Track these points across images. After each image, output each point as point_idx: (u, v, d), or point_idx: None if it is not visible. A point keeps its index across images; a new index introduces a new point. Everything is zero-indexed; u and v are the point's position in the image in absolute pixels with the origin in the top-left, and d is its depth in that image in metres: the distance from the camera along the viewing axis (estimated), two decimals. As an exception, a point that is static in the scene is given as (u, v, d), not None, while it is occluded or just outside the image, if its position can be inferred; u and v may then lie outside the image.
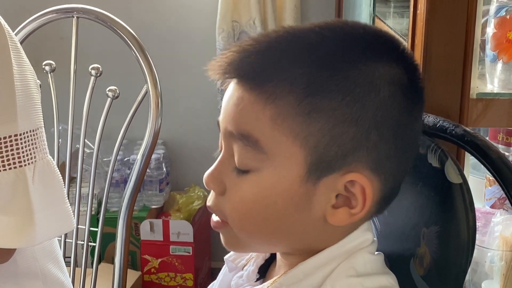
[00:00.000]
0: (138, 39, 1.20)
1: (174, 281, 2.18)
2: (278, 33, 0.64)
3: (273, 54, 0.62)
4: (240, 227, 0.66)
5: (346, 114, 0.60)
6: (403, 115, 0.63)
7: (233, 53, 0.63)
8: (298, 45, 0.62)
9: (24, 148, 0.88)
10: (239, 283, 0.74)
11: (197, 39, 2.31)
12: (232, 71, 0.63)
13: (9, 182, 0.87)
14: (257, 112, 0.62)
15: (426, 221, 0.70)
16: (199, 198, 2.28)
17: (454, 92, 0.81)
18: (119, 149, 1.25)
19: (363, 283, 0.64)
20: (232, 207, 0.66)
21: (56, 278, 1.02)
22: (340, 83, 0.60)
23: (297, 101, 0.60)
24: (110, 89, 1.22)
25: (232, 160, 0.65)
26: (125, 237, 1.26)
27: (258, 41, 0.63)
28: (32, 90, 0.91)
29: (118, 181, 2.17)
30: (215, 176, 0.66)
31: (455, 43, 0.80)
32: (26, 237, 0.88)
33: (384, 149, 0.63)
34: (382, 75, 0.62)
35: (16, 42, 0.89)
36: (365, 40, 0.64)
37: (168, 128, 2.18)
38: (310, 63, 0.61)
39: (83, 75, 1.24)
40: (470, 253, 0.68)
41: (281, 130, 0.61)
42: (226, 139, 0.65)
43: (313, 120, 0.60)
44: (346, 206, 0.64)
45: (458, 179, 0.68)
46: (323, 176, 0.62)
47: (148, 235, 2.15)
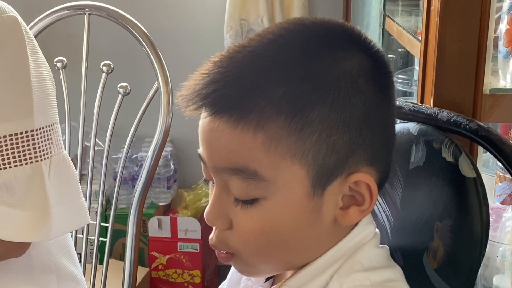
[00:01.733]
0: (149, 36, 1.21)
1: (181, 277, 2.19)
2: (241, 53, 0.61)
3: (246, 80, 0.60)
4: (255, 257, 0.65)
5: (337, 120, 0.60)
6: (383, 101, 0.64)
7: (202, 84, 0.61)
8: (268, 64, 0.60)
9: (40, 143, 0.89)
10: (248, 285, 0.74)
11: (205, 37, 2.31)
12: (209, 106, 0.60)
13: (26, 176, 0.88)
14: (247, 143, 0.60)
15: (440, 215, 0.71)
16: (206, 195, 2.29)
17: (468, 87, 0.82)
18: (129, 146, 1.26)
19: (369, 277, 0.64)
20: (243, 239, 0.64)
21: (69, 272, 1.03)
22: (324, 92, 0.59)
23: (287, 122, 0.59)
24: (121, 86, 1.23)
25: (228, 193, 0.63)
26: (135, 233, 1.27)
27: (225, 67, 0.61)
28: (47, 86, 0.92)
29: (126, 178, 2.18)
30: (217, 213, 0.64)
31: (469, 39, 0.80)
32: (42, 231, 0.89)
33: (376, 141, 0.64)
34: (358, 69, 0.61)
35: (32, 39, 0.90)
36: (330, 37, 0.62)
37: (176, 125, 2.18)
38: (287, 79, 0.59)
39: (92, 72, 1.25)
40: (483, 246, 0.69)
41: (277, 154, 0.60)
42: (218, 174, 0.63)
43: (306, 135, 0.59)
44: (354, 205, 0.64)
45: (472, 173, 0.69)
46: (327, 185, 0.62)
47: (156, 232, 2.16)
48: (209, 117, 0.61)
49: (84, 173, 1.32)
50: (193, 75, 0.63)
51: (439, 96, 0.82)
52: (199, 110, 0.62)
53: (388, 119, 0.65)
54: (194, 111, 0.62)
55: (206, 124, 0.62)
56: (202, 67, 0.63)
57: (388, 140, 0.66)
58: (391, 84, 0.66)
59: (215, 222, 0.65)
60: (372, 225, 0.68)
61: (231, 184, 0.62)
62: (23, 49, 0.88)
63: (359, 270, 0.65)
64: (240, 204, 0.63)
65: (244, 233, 0.64)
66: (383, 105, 0.64)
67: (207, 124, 0.61)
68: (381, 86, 0.64)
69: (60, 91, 1.22)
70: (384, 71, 0.65)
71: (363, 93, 0.61)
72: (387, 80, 0.65)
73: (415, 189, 0.74)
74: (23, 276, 0.97)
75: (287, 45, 0.61)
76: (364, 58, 0.62)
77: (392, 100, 0.66)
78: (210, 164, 0.63)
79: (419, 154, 0.74)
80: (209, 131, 0.61)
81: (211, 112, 0.61)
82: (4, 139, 0.87)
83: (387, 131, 0.66)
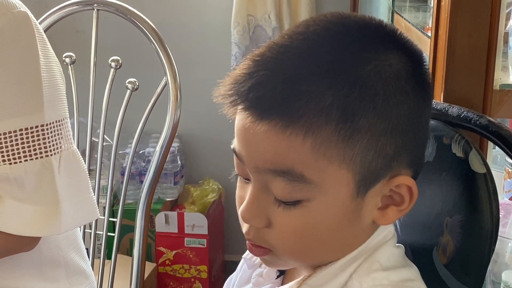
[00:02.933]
0: (158, 32, 1.21)
1: (188, 273, 2.19)
2: (285, 54, 0.60)
3: (295, 86, 0.59)
4: (292, 254, 0.65)
5: (385, 126, 0.60)
6: (425, 103, 0.64)
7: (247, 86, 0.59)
8: (316, 69, 0.59)
9: (50, 138, 0.89)
10: (260, 281, 0.74)
11: (212, 32, 2.31)
12: (255, 109, 0.59)
13: (36, 171, 0.89)
14: (295, 147, 0.59)
15: (450, 210, 0.71)
16: (213, 191, 2.29)
17: (477, 83, 0.82)
18: (138, 142, 1.26)
19: (388, 277, 0.64)
20: (282, 238, 0.64)
21: (78, 266, 1.04)
22: (373, 99, 0.59)
23: (336, 129, 0.58)
24: (129, 81, 1.23)
25: (268, 192, 0.63)
26: (143, 228, 1.27)
27: (271, 69, 0.60)
28: (57, 81, 0.92)
29: (133, 174, 2.18)
30: (255, 212, 0.64)
31: (479, 35, 0.80)
32: (52, 226, 0.90)
33: (417, 143, 0.64)
34: (404, 74, 0.61)
35: (42, 34, 0.91)
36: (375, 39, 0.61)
37: (183, 121, 2.19)
38: (336, 85, 0.58)
39: (100, 68, 1.25)
40: (493, 242, 0.69)
41: (326, 159, 0.59)
42: (259, 174, 0.62)
43: (355, 141, 0.59)
44: (392, 205, 0.64)
45: (482, 168, 0.69)
46: (371, 187, 0.62)
47: (163, 227, 2.16)
48: (253, 120, 0.60)
49: (92, 168, 1.32)
50: (232, 73, 0.62)
51: (449, 91, 0.82)
52: (242, 112, 0.61)
53: (427, 120, 0.66)
54: (235, 112, 0.62)
55: (249, 126, 0.60)
56: (242, 64, 0.61)
57: (426, 142, 0.66)
58: (430, 85, 0.65)
59: (252, 221, 0.64)
60: (391, 226, 0.68)
61: (273, 185, 0.62)
62: (34, 44, 0.89)
63: (378, 270, 0.65)
64: (281, 204, 0.62)
65: (284, 233, 0.63)
66: (424, 108, 0.64)
67: (251, 126, 0.60)
68: (423, 88, 0.63)
69: (68, 87, 1.22)
70: (424, 72, 0.64)
71: (409, 98, 0.61)
72: (427, 81, 0.64)
73: (425, 185, 0.74)
74: (33, 270, 0.97)
75: (333, 48, 0.60)
76: (408, 60, 0.62)
77: (430, 102, 0.66)
78: (251, 163, 0.62)
79: (429, 150, 0.74)
80: (253, 133, 0.60)
81: (257, 116, 0.59)
82: (15, 134, 0.87)
83: (425, 132, 0.66)
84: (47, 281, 0.99)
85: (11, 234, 0.89)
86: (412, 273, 0.67)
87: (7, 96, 0.87)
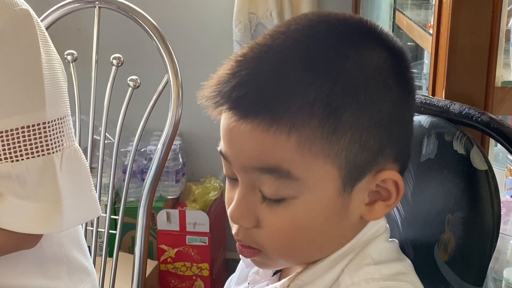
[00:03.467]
0: (159, 29, 1.21)
1: (190, 270, 2.19)
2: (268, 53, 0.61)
3: (278, 84, 0.59)
4: (282, 254, 0.66)
5: (368, 120, 0.60)
6: (407, 97, 0.64)
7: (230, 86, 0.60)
8: (298, 66, 0.59)
9: (52, 136, 0.90)
10: (256, 279, 0.74)
11: (214, 30, 2.31)
12: (239, 109, 0.60)
13: (37, 169, 0.89)
14: (280, 144, 0.59)
15: (451, 207, 0.71)
16: (215, 189, 2.29)
17: (479, 80, 0.81)
18: (139, 140, 1.26)
19: (380, 270, 0.65)
20: (271, 237, 0.64)
21: (80, 263, 1.04)
22: (356, 93, 0.59)
23: (320, 125, 0.59)
24: (131, 79, 1.23)
25: (255, 191, 0.63)
26: (145, 226, 1.27)
27: (253, 68, 0.60)
28: (59, 79, 0.93)
29: (135, 172, 2.18)
30: (243, 212, 0.64)
31: (481, 32, 0.80)
32: (54, 223, 0.90)
33: (401, 137, 0.64)
34: (385, 68, 0.61)
35: (44, 31, 0.91)
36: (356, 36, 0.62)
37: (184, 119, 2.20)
38: (318, 82, 0.59)
39: (101, 65, 1.25)
40: (495, 239, 0.69)
41: (311, 155, 0.60)
42: (246, 173, 0.63)
43: (339, 136, 0.60)
44: (379, 200, 0.65)
45: (483, 165, 0.69)
46: (357, 182, 0.63)
47: (165, 225, 2.16)
48: (237, 119, 0.60)
49: (94, 166, 1.32)
50: (215, 75, 0.62)
51: (450, 88, 0.82)
52: (226, 112, 0.61)
53: (411, 115, 0.66)
54: (220, 113, 0.62)
55: (233, 125, 0.60)
56: (225, 65, 0.62)
57: (411, 135, 0.67)
58: (413, 79, 0.66)
59: (241, 221, 0.64)
60: (384, 220, 0.69)
61: (260, 183, 0.62)
62: (35, 42, 0.89)
63: (370, 264, 0.65)
64: (268, 202, 0.63)
65: (272, 231, 0.64)
66: (407, 101, 0.65)
67: (235, 126, 0.60)
68: (406, 82, 0.64)
69: (70, 85, 1.22)
70: (406, 66, 0.65)
71: (392, 91, 0.62)
72: (409, 76, 0.65)
73: (426, 182, 0.74)
74: (35, 268, 0.97)
75: (315, 45, 0.61)
76: (389, 55, 0.63)
77: (414, 95, 0.66)
78: (237, 163, 0.63)
79: (430, 147, 0.74)
80: (238, 133, 0.60)
81: (241, 115, 0.60)
82: (16, 131, 0.87)
83: (410, 126, 0.67)
84: (49, 279, 0.99)
85: (13, 232, 0.89)
86: (405, 266, 0.67)
87: (9, 94, 0.87)
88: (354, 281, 0.64)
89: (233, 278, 0.82)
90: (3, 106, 0.87)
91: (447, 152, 0.72)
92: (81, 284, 1.03)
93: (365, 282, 0.64)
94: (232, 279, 0.82)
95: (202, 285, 2.21)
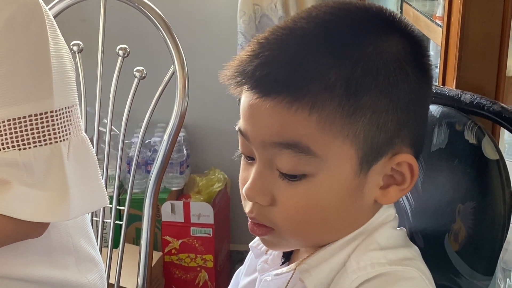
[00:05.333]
0: (165, 20, 1.21)
1: (194, 262, 2.20)
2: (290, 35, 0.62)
3: (300, 64, 0.61)
4: (294, 233, 0.66)
5: (386, 103, 0.62)
6: (425, 84, 0.66)
7: (252, 66, 0.61)
8: (320, 48, 0.61)
9: (59, 125, 0.90)
10: (265, 268, 0.74)
11: (218, 21, 2.31)
12: (261, 87, 0.61)
13: (45, 157, 0.89)
14: (301, 121, 0.61)
15: (462, 197, 0.71)
16: (219, 180, 2.29)
17: (490, 70, 0.81)
18: (145, 131, 1.26)
19: (386, 255, 0.65)
20: (285, 214, 0.65)
21: (88, 253, 1.04)
22: (375, 77, 0.61)
23: (340, 105, 0.61)
24: (137, 70, 1.23)
25: (272, 169, 0.64)
26: (151, 217, 1.27)
27: (276, 49, 0.62)
28: (67, 68, 0.92)
29: (139, 163, 2.18)
30: (260, 189, 0.65)
31: (492, 21, 0.80)
32: (60, 212, 0.90)
33: (418, 123, 0.65)
34: (404, 54, 0.63)
35: (52, 21, 0.91)
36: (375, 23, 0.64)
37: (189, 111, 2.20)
38: (339, 64, 0.60)
39: (107, 56, 1.24)
40: (506, 229, 0.69)
41: (330, 134, 0.61)
42: (265, 149, 0.64)
43: (358, 117, 0.61)
44: (394, 184, 0.66)
45: (495, 155, 0.68)
46: (373, 164, 0.64)
47: (169, 216, 2.16)
48: (260, 97, 0.62)
49: (99, 157, 1.32)
50: (238, 56, 0.63)
51: (461, 78, 0.82)
52: (249, 91, 0.62)
53: (428, 101, 0.68)
54: (241, 92, 0.63)
55: (255, 103, 0.62)
56: (247, 47, 0.64)
57: (426, 121, 0.68)
58: (430, 66, 0.67)
59: (257, 198, 0.65)
60: (392, 209, 0.69)
61: (279, 158, 0.63)
62: (44, 31, 0.89)
63: (376, 249, 0.66)
64: (284, 179, 0.64)
65: (287, 209, 0.64)
66: (424, 88, 0.66)
67: (257, 103, 0.62)
68: (423, 68, 0.65)
69: (76, 75, 1.22)
70: (424, 54, 0.66)
71: (409, 77, 0.63)
72: (427, 63, 0.66)
73: (437, 171, 0.74)
74: (43, 257, 0.97)
75: (336, 30, 0.62)
76: (407, 43, 0.64)
77: (431, 82, 0.68)
78: (257, 139, 0.64)
79: (441, 137, 0.74)
80: (259, 109, 0.62)
81: (264, 93, 0.61)
82: (24, 120, 0.87)
83: (426, 113, 0.68)
84: (57, 268, 0.99)
85: (20, 220, 0.89)
86: (411, 252, 0.68)
87: (17, 82, 0.87)
88: (360, 266, 0.65)
89: (241, 270, 0.82)
90: (11, 94, 0.87)
91: (458, 142, 0.72)
92: (88, 274, 1.03)
93: (370, 266, 0.64)
94: (241, 271, 0.82)
95: (206, 276, 2.21)
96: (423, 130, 0.67)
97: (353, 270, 0.65)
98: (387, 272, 0.64)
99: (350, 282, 0.64)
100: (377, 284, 0.63)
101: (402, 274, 0.64)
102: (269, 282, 0.72)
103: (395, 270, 0.64)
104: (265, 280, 0.73)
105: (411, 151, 0.65)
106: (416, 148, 0.66)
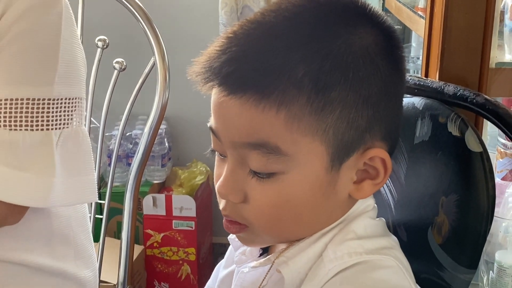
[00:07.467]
0: (145, 11, 1.19)
1: (176, 255, 2.19)
2: (257, 30, 0.61)
3: (267, 60, 0.59)
4: (268, 229, 0.66)
5: (356, 98, 0.61)
6: (397, 77, 0.65)
7: (220, 62, 0.60)
8: (288, 43, 0.60)
9: (54, 113, 0.90)
10: (242, 259, 0.74)
11: (200, 13, 2.29)
12: (229, 84, 0.60)
13: (33, 142, 0.89)
14: (269, 120, 0.60)
15: (445, 189, 0.70)
16: (201, 173, 2.28)
17: (474, 61, 0.81)
18: (125, 124, 1.24)
19: (363, 244, 0.65)
20: (258, 212, 0.64)
21: (86, 249, 1.05)
22: (344, 71, 0.60)
23: (309, 102, 0.59)
24: (117, 61, 1.21)
25: (243, 166, 0.63)
26: (132, 211, 1.26)
27: (242, 45, 0.60)
28: (78, 63, 0.95)
29: (120, 156, 2.16)
30: (232, 187, 0.64)
31: (475, 13, 0.79)
32: (38, 196, 0.90)
33: (390, 116, 0.64)
34: (374, 47, 0.62)
35: (71, 17, 0.93)
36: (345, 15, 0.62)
37: (170, 103, 2.18)
38: (307, 59, 0.59)
39: (86, 48, 1.22)
40: (489, 221, 0.69)
41: (299, 132, 0.60)
42: (235, 149, 0.63)
43: (327, 113, 0.60)
44: (367, 179, 0.65)
45: (478, 147, 0.68)
46: (345, 160, 0.63)
47: (151, 209, 2.15)
48: (226, 95, 0.61)
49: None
50: (206, 51, 0.62)
51: (444, 69, 0.81)
52: (216, 88, 0.62)
53: (401, 94, 0.66)
54: (210, 89, 0.62)
55: (223, 101, 0.61)
56: (215, 42, 0.62)
57: (400, 115, 0.67)
58: (403, 58, 0.66)
59: (229, 196, 0.65)
60: (372, 200, 0.69)
61: (249, 158, 0.62)
62: (59, 22, 0.90)
63: (353, 238, 0.65)
64: (256, 177, 0.63)
65: (259, 206, 0.64)
66: (397, 81, 0.65)
67: (225, 101, 0.61)
68: (395, 61, 0.64)
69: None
70: (396, 46, 0.65)
71: (380, 70, 0.62)
72: (400, 55, 0.65)
73: (420, 164, 0.74)
74: (43, 246, 0.98)
75: (305, 23, 0.61)
76: (378, 34, 0.63)
77: (404, 75, 0.67)
78: (227, 139, 0.63)
79: (424, 129, 0.74)
80: (227, 109, 0.61)
81: (230, 91, 0.60)
82: (21, 102, 0.88)
83: (400, 106, 0.67)
84: (56, 259, 0.99)
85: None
86: (389, 242, 0.67)
87: (24, 64, 0.88)
88: (337, 255, 0.64)
89: (221, 263, 0.81)
90: (14, 74, 0.88)
91: (441, 134, 0.71)
92: (85, 270, 1.03)
93: (348, 255, 0.64)
94: (221, 264, 0.81)
95: (189, 270, 2.20)
96: (396, 124, 0.66)
97: (330, 260, 0.64)
98: (364, 261, 0.64)
99: (327, 271, 0.64)
100: (354, 272, 0.63)
101: (379, 262, 0.64)
102: (245, 274, 0.72)
103: (372, 259, 0.64)
104: (241, 272, 0.72)
105: (384, 145, 0.64)
106: (390, 142, 0.65)
